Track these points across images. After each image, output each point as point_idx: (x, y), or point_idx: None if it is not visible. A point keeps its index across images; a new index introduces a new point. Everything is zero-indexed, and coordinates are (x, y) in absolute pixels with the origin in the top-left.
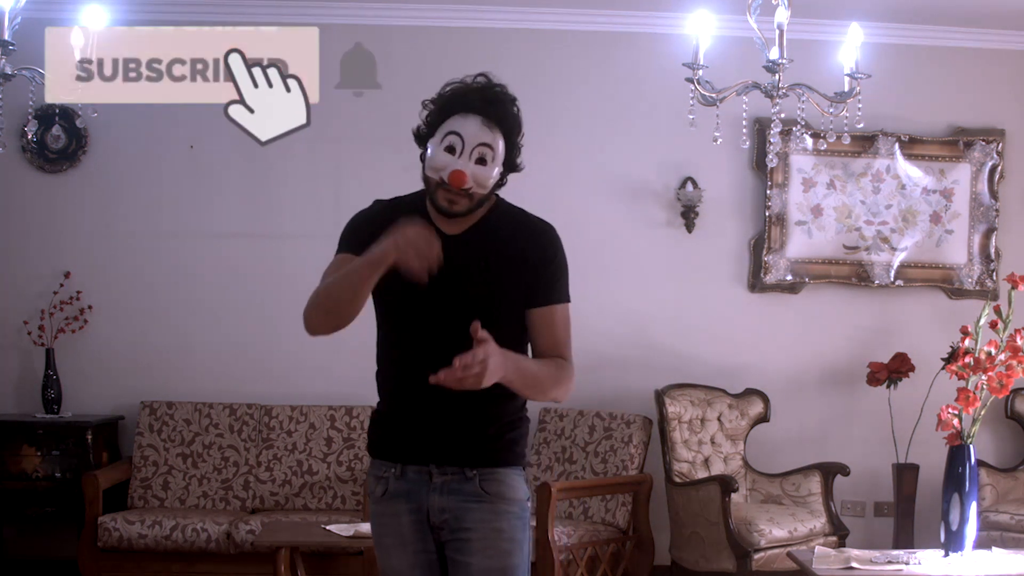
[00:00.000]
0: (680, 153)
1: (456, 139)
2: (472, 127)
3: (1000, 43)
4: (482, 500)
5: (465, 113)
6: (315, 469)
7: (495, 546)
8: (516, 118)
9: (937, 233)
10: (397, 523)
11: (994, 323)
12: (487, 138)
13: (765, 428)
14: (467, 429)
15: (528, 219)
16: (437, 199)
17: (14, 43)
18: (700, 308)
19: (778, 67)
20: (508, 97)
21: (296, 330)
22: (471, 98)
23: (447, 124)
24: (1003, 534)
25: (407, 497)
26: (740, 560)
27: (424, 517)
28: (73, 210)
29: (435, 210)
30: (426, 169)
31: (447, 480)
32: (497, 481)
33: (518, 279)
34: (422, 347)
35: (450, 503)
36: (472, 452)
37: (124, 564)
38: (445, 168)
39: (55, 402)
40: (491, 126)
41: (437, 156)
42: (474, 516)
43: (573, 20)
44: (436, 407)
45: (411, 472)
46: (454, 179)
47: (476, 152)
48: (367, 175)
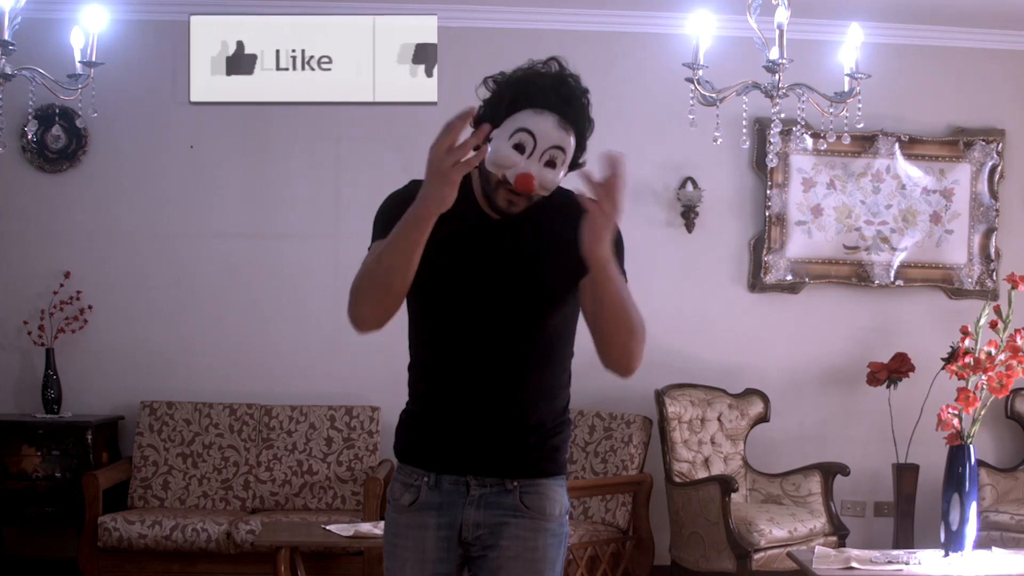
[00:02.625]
0: (680, 153)
1: (527, 137)
2: (546, 127)
3: (1000, 43)
4: (520, 515)
5: (539, 109)
6: (315, 469)
7: (527, 566)
8: (590, 117)
9: (937, 233)
10: (421, 536)
11: (994, 323)
12: (561, 141)
13: (765, 428)
14: (509, 436)
15: (572, 196)
16: (496, 197)
17: (14, 43)
18: (700, 308)
19: (778, 67)
20: (582, 91)
21: (296, 330)
22: (547, 94)
23: (517, 118)
24: (1003, 534)
25: (439, 510)
26: (740, 560)
27: (455, 533)
28: (73, 210)
29: (487, 203)
30: (488, 162)
31: (486, 493)
32: (539, 494)
33: (568, 258)
34: (464, 342)
35: (486, 518)
36: (514, 462)
37: (124, 564)
38: (512, 168)
39: (55, 402)
40: (566, 127)
41: (504, 152)
42: (510, 532)
43: (573, 20)
44: (476, 410)
45: (447, 483)
46: (521, 184)
47: (547, 155)
48: (367, 175)
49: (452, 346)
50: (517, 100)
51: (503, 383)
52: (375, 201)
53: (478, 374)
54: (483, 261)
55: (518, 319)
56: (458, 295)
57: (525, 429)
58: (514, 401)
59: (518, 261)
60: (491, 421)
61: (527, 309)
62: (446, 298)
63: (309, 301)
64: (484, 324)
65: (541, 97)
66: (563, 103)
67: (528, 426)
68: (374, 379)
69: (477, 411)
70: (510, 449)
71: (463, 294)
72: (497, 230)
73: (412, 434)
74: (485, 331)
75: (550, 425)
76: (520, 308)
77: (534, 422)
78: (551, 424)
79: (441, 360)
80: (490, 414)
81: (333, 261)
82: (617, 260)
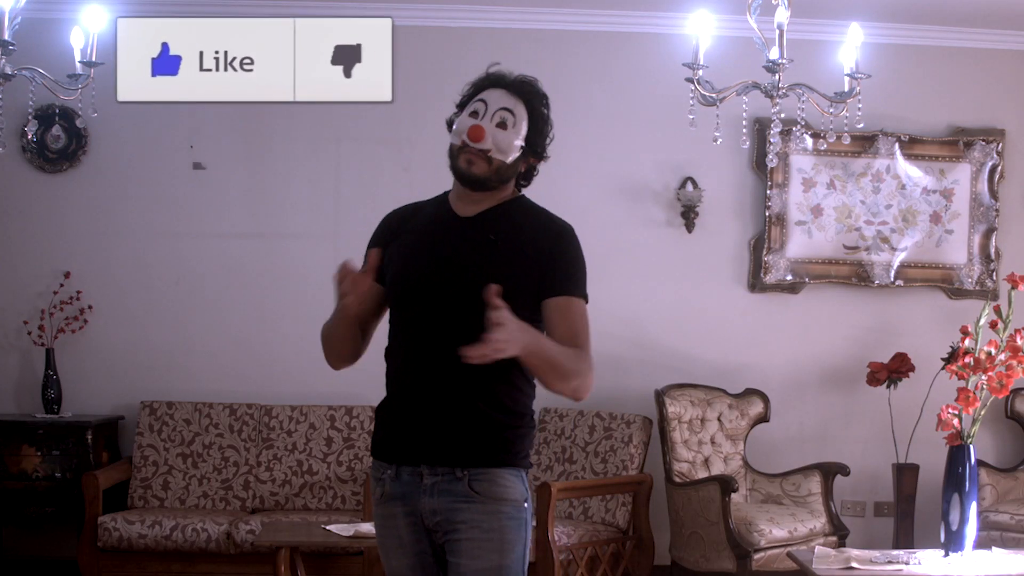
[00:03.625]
0: (680, 153)
1: (479, 104)
2: (496, 94)
3: (1000, 43)
4: (472, 500)
5: (491, 88)
6: (315, 469)
7: (484, 546)
8: (541, 98)
9: (937, 233)
10: (395, 525)
11: (994, 323)
12: (508, 103)
13: (765, 428)
14: (459, 428)
15: (547, 215)
16: (458, 163)
17: (14, 43)
18: (700, 308)
19: (778, 67)
20: (536, 81)
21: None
22: (499, 76)
23: (474, 100)
24: (1003, 534)
25: (402, 500)
26: (740, 560)
27: (419, 520)
28: (73, 210)
29: (460, 192)
30: (452, 138)
31: (438, 481)
32: (488, 481)
33: (528, 268)
34: (422, 335)
35: (440, 504)
36: (463, 452)
37: (124, 564)
38: (466, 129)
39: (55, 402)
40: (513, 96)
41: (461, 121)
42: (464, 516)
43: (573, 20)
44: (425, 400)
45: (405, 474)
46: (472, 133)
47: (497, 116)
48: (367, 175)
49: (407, 336)
50: (474, 88)
51: (450, 374)
52: (375, 201)
53: (428, 365)
54: (443, 254)
55: (468, 312)
56: (417, 290)
57: (473, 419)
58: (461, 392)
59: (475, 256)
60: (439, 410)
61: (474, 302)
62: (405, 289)
63: (309, 301)
64: (436, 316)
65: (492, 78)
66: (515, 82)
67: (476, 417)
68: (374, 379)
69: (426, 400)
70: (460, 440)
71: (422, 288)
72: (461, 226)
73: (379, 427)
74: (437, 322)
75: (504, 419)
76: (467, 300)
77: (482, 413)
78: (505, 419)
79: (399, 351)
80: (438, 403)
81: (333, 261)
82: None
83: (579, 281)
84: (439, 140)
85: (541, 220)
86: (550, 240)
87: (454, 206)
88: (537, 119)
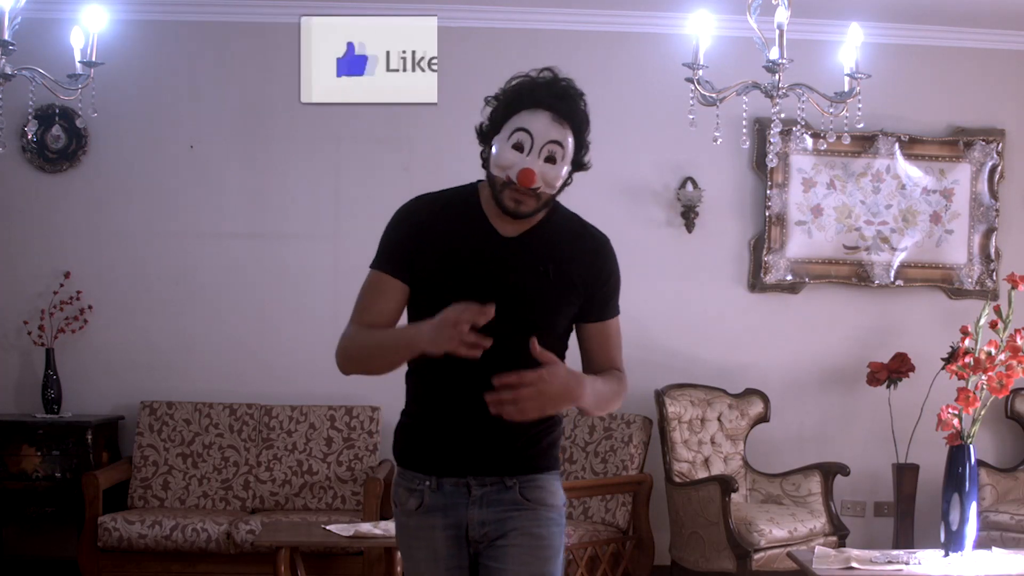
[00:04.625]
0: (680, 153)
1: (524, 136)
2: (541, 123)
3: (1000, 43)
4: (522, 508)
5: (533, 109)
6: (315, 469)
7: (534, 553)
8: (585, 114)
9: (937, 233)
10: (431, 537)
11: (994, 323)
12: (557, 135)
13: (765, 428)
14: (506, 438)
15: (586, 230)
16: (503, 199)
17: (14, 43)
18: (700, 308)
19: (778, 67)
20: (576, 92)
21: (296, 330)
22: (539, 93)
23: (514, 120)
24: (1003, 534)
25: (443, 512)
26: (740, 560)
27: (462, 532)
28: (73, 210)
29: (498, 210)
30: (492, 167)
31: (487, 492)
32: (538, 487)
33: (571, 290)
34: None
35: (490, 515)
36: (511, 460)
37: (124, 564)
38: (513, 166)
39: (55, 402)
40: (561, 122)
41: (504, 154)
42: (514, 523)
43: (573, 20)
44: (472, 418)
45: (448, 485)
46: (523, 178)
47: (545, 150)
48: (367, 175)
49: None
50: (512, 104)
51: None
52: (375, 201)
53: (474, 384)
54: (484, 275)
55: (514, 332)
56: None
57: (521, 429)
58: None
59: (522, 276)
60: (487, 428)
61: (523, 324)
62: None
63: (309, 301)
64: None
65: (534, 96)
66: (556, 99)
67: (523, 426)
68: (374, 379)
69: (473, 419)
70: (507, 451)
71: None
72: (503, 246)
73: (411, 440)
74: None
75: (544, 425)
76: (517, 322)
77: (527, 426)
78: (545, 424)
79: (439, 370)
80: (486, 422)
81: (333, 261)
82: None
83: (616, 301)
84: (439, 140)
85: (582, 240)
86: (596, 265)
87: (493, 222)
88: (582, 137)
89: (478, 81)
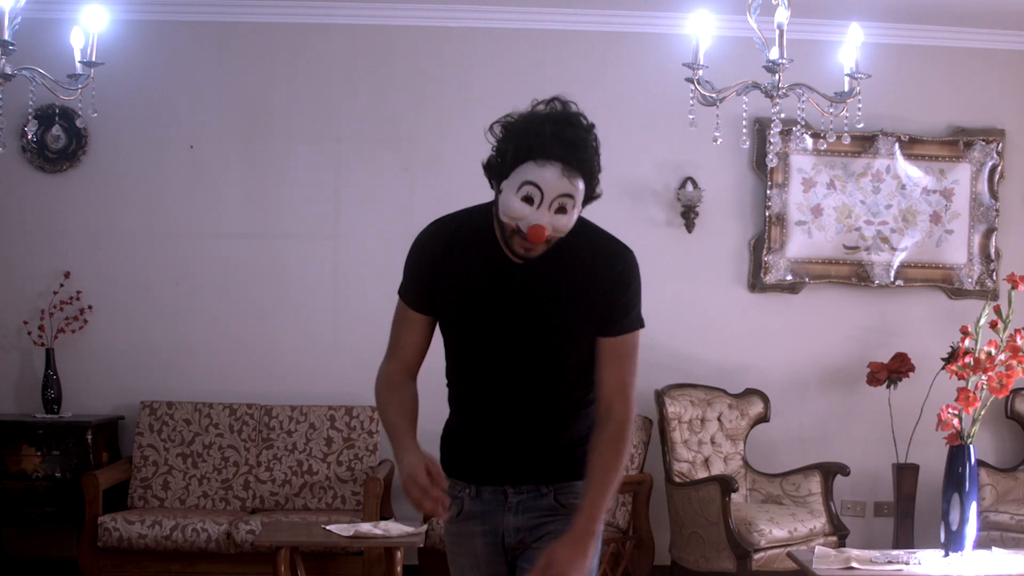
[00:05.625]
0: (680, 153)
1: (534, 190)
2: (551, 177)
3: (1000, 43)
4: (557, 513)
5: (544, 161)
6: (315, 469)
7: None
8: (596, 157)
9: (937, 233)
10: (471, 543)
11: (994, 323)
12: (567, 188)
13: (765, 428)
14: (541, 448)
15: (604, 242)
16: (513, 245)
17: (14, 43)
18: (700, 308)
19: (778, 67)
20: (586, 136)
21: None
22: (549, 145)
23: (523, 171)
24: (1003, 534)
25: (482, 518)
26: (740, 560)
27: (499, 539)
28: (73, 210)
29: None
30: (501, 214)
31: (523, 499)
32: (573, 494)
33: (591, 306)
34: (492, 376)
35: (524, 521)
36: (547, 469)
37: (124, 564)
38: (523, 219)
39: (55, 402)
40: (571, 174)
41: (513, 205)
42: (548, 527)
43: (573, 20)
44: (508, 434)
45: (486, 493)
46: (533, 235)
47: (556, 203)
48: (367, 175)
49: (481, 379)
50: (520, 153)
51: (530, 411)
52: (375, 201)
53: (507, 404)
54: (505, 302)
55: (539, 356)
56: (482, 334)
57: (556, 439)
58: (542, 425)
59: (539, 303)
60: (522, 442)
61: (547, 347)
62: (471, 336)
63: (309, 301)
64: (508, 360)
65: (543, 149)
66: (567, 150)
67: (558, 437)
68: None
69: (509, 435)
70: (542, 462)
71: (486, 333)
72: (518, 272)
73: (452, 450)
74: (510, 366)
75: (579, 436)
76: (540, 346)
77: (563, 437)
78: (580, 435)
79: (472, 391)
80: (521, 437)
81: (333, 261)
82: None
83: (636, 314)
84: (439, 140)
85: (600, 254)
86: (613, 277)
87: (505, 249)
88: (594, 182)
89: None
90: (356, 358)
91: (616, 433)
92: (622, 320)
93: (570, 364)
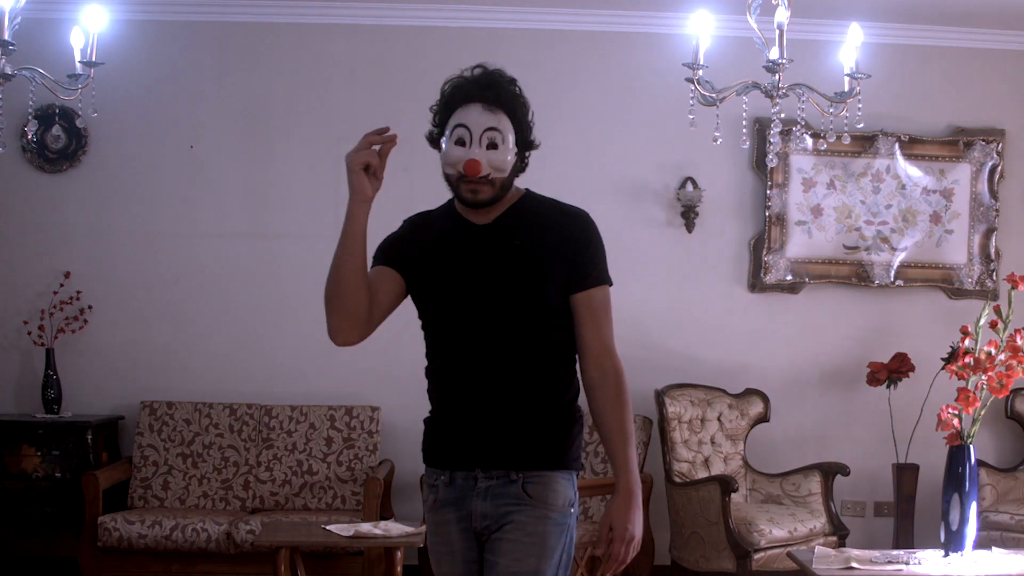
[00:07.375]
0: (680, 153)
1: (463, 131)
2: (474, 115)
3: (1000, 43)
4: (523, 503)
5: (466, 104)
6: (315, 469)
7: (526, 550)
8: (517, 97)
9: (937, 233)
10: (447, 531)
11: (994, 323)
12: (492, 122)
13: (765, 428)
14: (513, 431)
15: (559, 205)
16: (461, 192)
17: (14, 43)
18: (700, 308)
19: (778, 67)
20: (505, 79)
21: (296, 330)
22: (469, 88)
23: (452, 119)
24: (1003, 534)
25: (455, 505)
26: (740, 560)
27: (469, 524)
28: (73, 210)
29: (462, 204)
30: (443, 168)
31: (492, 485)
32: (542, 484)
33: (554, 265)
34: (465, 346)
35: (491, 508)
36: (518, 454)
37: (124, 564)
38: (459, 161)
39: (55, 402)
40: (493, 109)
41: (449, 151)
42: (512, 518)
43: (573, 20)
44: (481, 410)
45: (459, 479)
46: (469, 168)
47: (485, 138)
48: None
49: (450, 348)
50: (448, 104)
51: (499, 380)
52: (375, 201)
53: (476, 373)
54: (468, 266)
55: (506, 319)
56: (448, 300)
57: (526, 423)
58: (512, 397)
59: (502, 264)
60: (492, 417)
61: (513, 309)
62: (439, 303)
63: (309, 301)
64: (476, 325)
65: (463, 92)
66: (484, 89)
67: (528, 420)
68: (374, 379)
69: (478, 408)
70: (513, 442)
71: (453, 299)
72: (480, 235)
73: (430, 437)
74: (478, 332)
75: (553, 419)
76: (506, 308)
77: (534, 416)
78: (554, 418)
79: (443, 362)
80: (490, 410)
81: None
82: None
83: (601, 268)
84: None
85: (556, 212)
86: (570, 232)
87: (467, 217)
88: (521, 120)
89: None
90: (356, 358)
91: (616, 389)
92: (591, 272)
93: (536, 327)
